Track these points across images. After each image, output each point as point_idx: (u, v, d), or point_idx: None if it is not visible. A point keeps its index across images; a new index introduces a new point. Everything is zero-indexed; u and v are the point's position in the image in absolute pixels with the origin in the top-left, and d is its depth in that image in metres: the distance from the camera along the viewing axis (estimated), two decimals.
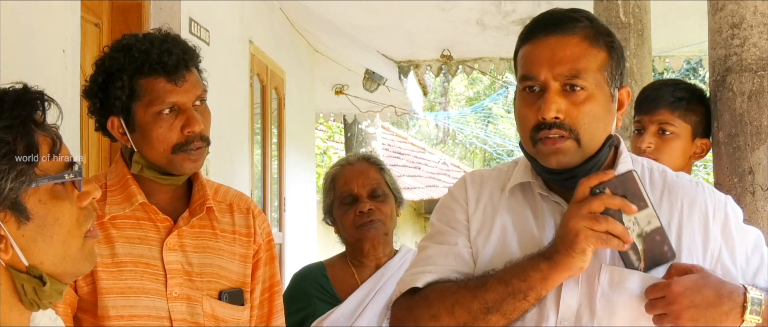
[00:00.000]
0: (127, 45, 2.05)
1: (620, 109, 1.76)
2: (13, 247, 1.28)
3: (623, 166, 1.75)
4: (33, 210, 1.29)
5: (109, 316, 2.02)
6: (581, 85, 1.68)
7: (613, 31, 1.84)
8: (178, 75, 2.02)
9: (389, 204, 2.73)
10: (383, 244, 2.73)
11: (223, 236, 2.16)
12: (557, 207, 1.76)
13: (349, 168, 2.77)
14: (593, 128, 1.70)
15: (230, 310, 2.12)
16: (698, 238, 1.73)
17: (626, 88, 1.77)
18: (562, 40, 1.70)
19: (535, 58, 1.72)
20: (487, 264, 1.77)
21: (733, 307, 1.63)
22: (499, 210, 1.81)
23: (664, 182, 1.78)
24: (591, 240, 1.61)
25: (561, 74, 1.69)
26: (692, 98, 2.71)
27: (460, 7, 6.48)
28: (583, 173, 1.70)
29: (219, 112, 4.70)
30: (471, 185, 1.87)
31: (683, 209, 1.74)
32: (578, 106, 1.69)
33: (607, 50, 1.72)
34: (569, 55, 1.69)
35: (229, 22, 5.19)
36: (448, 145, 23.30)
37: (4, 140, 1.27)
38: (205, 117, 2.08)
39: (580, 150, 1.70)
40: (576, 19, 1.72)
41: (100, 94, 2.05)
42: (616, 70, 1.73)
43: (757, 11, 2.59)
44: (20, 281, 1.31)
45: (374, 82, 8.56)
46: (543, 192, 1.78)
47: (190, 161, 2.05)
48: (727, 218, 1.75)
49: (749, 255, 1.75)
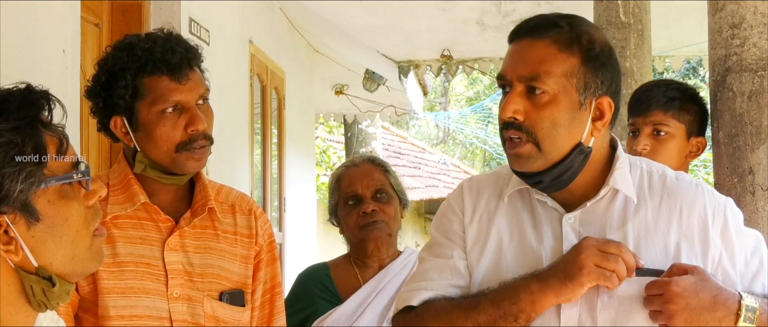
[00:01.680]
0: (130, 44, 2.05)
1: (600, 119, 1.71)
2: (23, 249, 1.28)
3: (620, 172, 1.74)
4: (42, 211, 1.28)
5: (110, 316, 2.02)
6: (541, 88, 1.67)
7: (612, 31, 1.83)
8: (182, 73, 2.02)
9: (393, 205, 2.75)
10: (386, 244, 2.74)
11: (225, 237, 2.16)
12: (555, 214, 1.76)
13: (354, 169, 2.79)
14: (553, 133, 1.68)
15: (231, 311, 2.12)
16: (697, 244, 1.72)
17: (607, 99, 1.71)
18: (531, 43, 1.71)
19: (507, 59, 1.74)
20: (482, 277, 1.77)
21: (727, 314, 1.65)
22: (496, 219, 1.80)
23: (663, 187, 1.77)
24: (594, 276, 1.63)
25: (523, 75, 1.69)
26: (684, 97, 2.71)
27: (460, 7, 6.48)
28: (550, 179, 1.70)
29: (219, 112, 4.68)
30: (468, 193, 1.86)
31: (682, 214, 1.74)
32: (538, 110, 1.68)
33: (580, 57, 1.69)
34: (534, 57, 1.69)
35: (229, 22, 5.19)
36: (448, 145, 23.32)
37: (12, 141, 1.26)
38: (208, 116, 2.08)
39: (542, 155, 1.69)
40: (553, 25, 1.71)
41: (103, 93, 2.05)
42: (594, 79, 1.69)
43: (757, 11, 2.59)
44: (29, 283, 1.30)
45: (374, 82, 8.56)
46: (541, 198, 1.78)
47: (193, 160, 2.05)
48: (726, 222, 1.75)
49: (748, 259, 1.74)
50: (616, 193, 1.74)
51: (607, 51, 1.73)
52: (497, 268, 1.76)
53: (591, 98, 1.70)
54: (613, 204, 1.74)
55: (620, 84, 1.76)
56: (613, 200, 1.74)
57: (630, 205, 1.74)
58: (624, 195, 1.74)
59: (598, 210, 1.74)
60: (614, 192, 1.75)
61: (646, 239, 1.72)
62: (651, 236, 1.72)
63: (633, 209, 1.74)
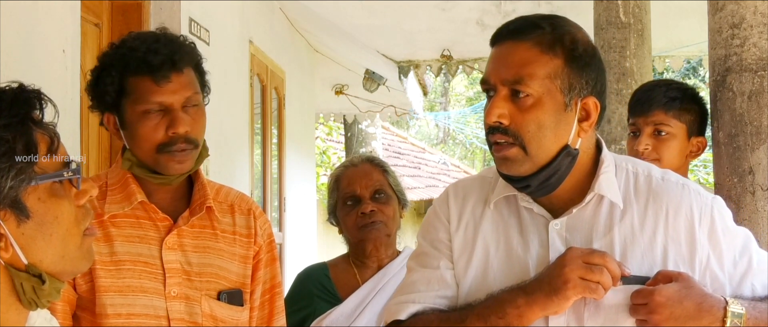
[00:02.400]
0: (122, 42, 2.07)
1: (586, 120, 1.70)
2: (12, 246, 1.28)
3: (605, 176, 1.73)
4: (32, 208, 1.29)
5: (107, 315, 2.01)
6: (525, 91, 1.66)
7: (612, 31, 1.83)
8: (162, 75, 2.00)
9: (392, 206, 2.74)
10: (385, 245, 2.74)
11: (224, 237, 2.15)
12: (542, 220, 1.74)
13: (353, 169, 2.79)
14: (539, 136, 1.66)
15: (229, 311, 2.12)
16: (684, 247, 1.71)
17: (593, 99, 1.70)
18: (513, 45, 1.69)
19: (490, 63, 1.72)
20: (469, 288, 1.76)
21: (713, 321, 1.64)
22: (482, 227, 1.79)
23: (649, 189, 1.75)
24: (579, 289, 1.62)
25: (506, 79, 1.67)
26: (685, 97, 2.72)
27: (460, 7, 6.49)
28: (538, 182, 1.69)
29: (219, 112, 4.71)
30: (454, 199, 1.84)
31: (668, 217, 1.72)
32: (523, 113, 1.66)
33: (564, 58, 1.67)
34: (516, 60, 1.67)
35: (229, 22, 5.19)
36: (448, 145, 23.32)
37: (3, 139, 1.27)
38: (196, 119, 2.06)
39: (529, 158, 1.67)
40: (535, 26, 1.69)
41: (95, 89, 2.07)
42: (579, 80, 1.68)
43: (757, 11, 2.59)
44: (19, 280, 1.30)
45: (374, 82, 8.56)
46: (527, 205, 1.76)
47: (174, 162, 2.04)
48: (713, 222, 1.72)
49: (737, 259, 1.73)
50: (602, 198, 1.73)
51: (590, 51, 1.71)
52: (484, 278, 1.75)
53: (576, 99, 1.68)
54: (599, 209, 1.73)
55: (606, 83, 1.74)
56: (599, 205, 1.73)
57: (616, 210, 1.72)
58: (609, 200, 1.72)
59: (584, 216, 1.73)
60: (600, 197, 1.73)
61: (632, 244, 1.70)
62: (638, 241, 1.70)
63: (619, 214, 1.72)
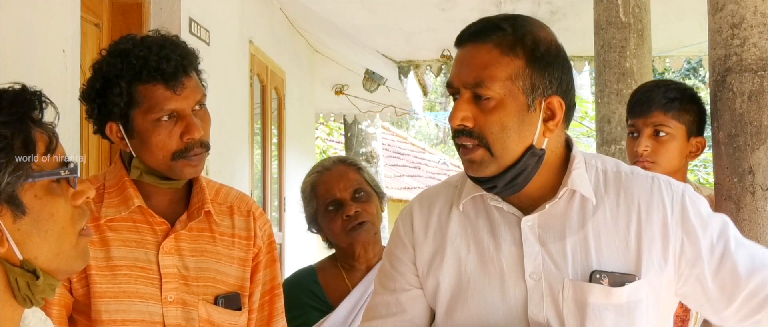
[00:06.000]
0: (124, 50, 2.01)
1: (551, 119, 1.70)
2: (8, 241, 1.30)
3: (577, 172, 1.72)
4: (29, 205, 1.30)
5: (102, 320, 2.00)
6: (486, 94, 1.66)
7: (612, 31, 1.83)
8: (177, 82, 1.98)
9: (373, 203, 2.70)
10: (373, 244, 2.70)
11: (222, 240, 2.14)
12: (513, 218, 1.74)
13: (328, 173, 2.73)
14: (503, 138, 1.66)
15: (226, 315, 2.10)
16: (658, 241, 1.70)
17: (557, 98, 1.69)
18: (474, 48, 1.69)
19: (453, 66, 1.73)
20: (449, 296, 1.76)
21: None
22: (449, 231, 1.79)
23: (619, 184, 1.75)
24: None
25: (468, 82, 1.67)
26: (684, 98, 2.72)
27: (460, 7, 6.49)
28: (504, 183, 1.69)
29: (219, 113, 4.71)
30: (418, 211, 1.84)
31: (640, 210, 1.71)
32: (486, 115, 1.66)
33: (525, 59, 1.67)
34: (477, 62, 1.67)
35: (229, 22, 5.19)
36: (448, 145, 23.30)
37: (2, 135, 1.28)
38: (204, 121, 2.05)
39: (494, 160, 1.67)
40: (496, 28, 1.69)
41: (98, 99, 2.02)
42: (541, 79, 1.67)
43: (757, 11, 2.59)
44: (14, 275, 1.32)
45: (374, 82, 8.56)
46: (497, 204, 1.76)
47: (190, 167, 2.03)
48: (684, 210, 1.72)
49: (714, 244, 1.71)
50: (574, 194, 1.72)
51: (553, 50, 1.71)
52: (459, 283, 1.75)
53: (540, 99, 1.68)
54: (571, 205, 1.72)
55: (572, 81, 1.73)
56: (572, 201, 1.73)
57: (588, 205, 1.72)
58: (581, 195, 1.72)
59: (556, 212, 1.72)
60: (572, 193, 1.72)
61: (606, 238, 1.70)
62: (611, 235, 1.70)
63: (591, 209, 1.72)
